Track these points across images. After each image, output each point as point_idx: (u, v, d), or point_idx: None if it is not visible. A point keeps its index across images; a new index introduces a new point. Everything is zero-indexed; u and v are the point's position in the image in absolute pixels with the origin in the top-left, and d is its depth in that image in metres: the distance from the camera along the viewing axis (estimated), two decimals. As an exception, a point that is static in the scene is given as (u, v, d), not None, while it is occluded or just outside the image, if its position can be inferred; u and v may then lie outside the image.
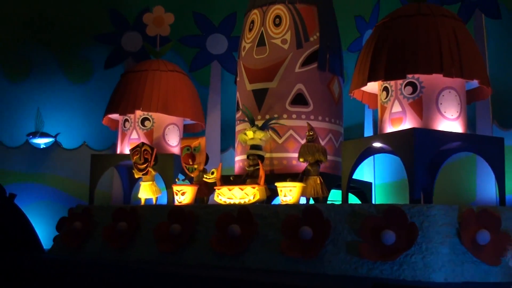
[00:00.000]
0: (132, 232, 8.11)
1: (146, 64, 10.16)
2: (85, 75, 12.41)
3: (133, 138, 9.70)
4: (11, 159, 11.47)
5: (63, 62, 12.38)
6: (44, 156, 11.52)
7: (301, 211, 6.94)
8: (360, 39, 11.25)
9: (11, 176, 11.29)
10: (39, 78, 12.30)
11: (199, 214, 7.74)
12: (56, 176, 11.48)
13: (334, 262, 6.55)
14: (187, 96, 10.03)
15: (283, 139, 8.64)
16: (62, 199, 11.21)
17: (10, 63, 12.29)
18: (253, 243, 7.12)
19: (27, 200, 10.97)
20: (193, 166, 8.50)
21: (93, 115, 11.73)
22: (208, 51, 11.82)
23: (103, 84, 11.63)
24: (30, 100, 12.17)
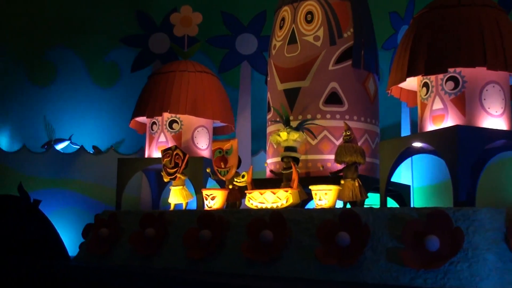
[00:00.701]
0: (160, 239, 7.83)
1: (174, 65, 9.94)
2: (112, 79, 12.35)
3: (161, 142, 9.48)
4: (36, 165, 11.31)
5: (90, 66, 12.33)
6: (70, 162, 11.34)
7: (337, 216, 6.57)
8: (395, 36, 10.87)
9: (36, 182, 11.12)
10: (65, 83, 12.25)
11: (229, 219, 7.42)
12: (83, 181, 11.30)
13: (373, 271, 6.17)
14: (217, 97, 9.78)
15: (317, 140, 8.30)
16: (89, 205, 11.01)
17: (36, 68, 12.24)
18: (287, 250, 6.77)
19: (52, 206, 10.79)
20: (225, 169, 8.23)
21: (121, 119, 11.62)
22: (238, 52, 11.59)
23: (131, 88, 11.43)
24: (56, 105, 12.12)
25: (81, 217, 10.59)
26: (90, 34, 12.35)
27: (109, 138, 12.02)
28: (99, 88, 12.34)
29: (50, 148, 11.44)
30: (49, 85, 12.22)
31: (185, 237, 7.54)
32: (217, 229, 7.34)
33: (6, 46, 12.30)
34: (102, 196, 11.03)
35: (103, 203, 10.77)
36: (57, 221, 9.80)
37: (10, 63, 12.28)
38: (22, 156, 11.39)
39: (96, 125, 12.11)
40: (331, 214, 6.69)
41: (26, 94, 12.20)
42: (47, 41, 12.32)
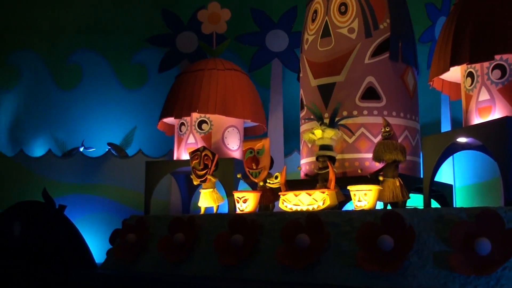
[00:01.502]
0: (190, 244, 7.56)
1: (202, 63, 9.67)
2: (139, 80, 12.21)
3: (190, 143, 9.22)
4: (62, 170, 11.11)
5: (116, 68, 12.23)
6: (97, 166, 11.13)
7: (379, 218, 6.19)
8: (432, 28, 10.48)
9: (62, 187, 10.91)
10: (91, 85, 12.16)
11: (262, 223, 7.12)
12: (110, 186, 11.04)
13: (419, 277, 5.74)
14: (247, 96, 9.47)
15: (354, 138, 7.91)
16: (116, 210, 10.75)
17: (61, 71, 12.20)
18: (324, 255, 6.40)
19: (79, 212, 10.59)
20: (257, 171, 7.92)
21: (149, 121, 11.38)
22: (268, 49, 11.22)
23: (159, 89, 11.17)
24: (82, 108, 12.03)
25: (108, 223, 10.32)
26: (116, 35, 12.22)
27: (137, 140, 11.88)
28: (126, 90, 12.19)
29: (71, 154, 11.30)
30: (74, 88, 12.15)
31: (216, 242, 7.25)
32: (250, 233, 7.05)
33: (31, 50, 12.29)
34: (130, 200, 10.78)
35: (131, 208, 10.58)
36: (83, 227, 9.56)
37: (35, 67, 12.25)
38: (47, 161, 11.20)
39: (124, 128, 11.97)
40: (372, 216, 6.33)
41: (52, 98, 12.13)
42: (72, 44, 12.26)
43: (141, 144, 11.55)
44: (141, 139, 11.83)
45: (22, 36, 12.30)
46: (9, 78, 12.21)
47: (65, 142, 11.73)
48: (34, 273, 8.01)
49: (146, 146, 11.49)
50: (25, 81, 12.24)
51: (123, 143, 11.69)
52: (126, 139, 11.72)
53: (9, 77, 12.22)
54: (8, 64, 12.24)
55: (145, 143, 11.68)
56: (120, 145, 11.59)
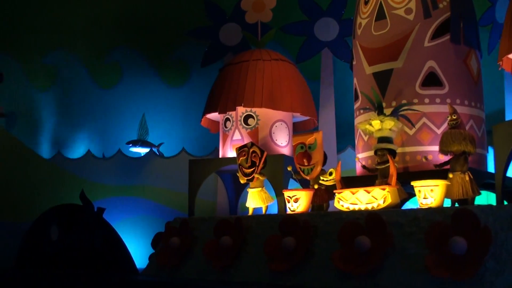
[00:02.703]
0: (238, 248, 7.22)
1: (247, 54, 9.23)
2: (181, 76, 12.19)
3: (236, 139, 8.79)
4: (102, 172, 10.90)
5: (157, 64, 12.25)
6: (139, 167, 10.85)
7: (449, 217, 5.70)
8: (492, 9, 9.84)
9: (102, 189, 10.72)
10: (131, 84, 12.21)
11: (316, 224, 6.72)
12: (152, 187, 10.74)
13: (498, 285, 5.28)
14: (296, 87, 8.96)
15: (415, 129, 7.40)
16: (159, 213, 10.48)
17: (100, 70, 12.28)
18: (388, 260, 5.96)
19: (119, 215, 10.40)
20: (309, 167, 7.56)
21: (193, 118, 11.20)
22: (317, 38, 10.66)
23: (202, 85, 10.99)
24: (122, 107, 12.06)
25: (150, 226, 10.13)
26: (156, 31, 12.20)
27: (180, 139, 11.68)
28: (168, 87, 12.12)
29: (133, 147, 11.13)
30: (114, 87, 12.18)
31: (266, 246, 6.89)
32: (303, 236, 6.66)
33: (67, 49, 12.39)
34: (174, 202, 10.48)
35: (175, 210, 10.29)
36: (123, 230, 9.43)
37: (73, 67, 12.34)
38: (86, 162, 11.01)
39: (167, 126, 11.84)
40: (441, 214, 5.86)
41: (91, 98, 12.16)
42: (109, 41, 12.32)
43: (185, 143, 11.29)
44: (184, 138, 11.67)
45: (57, 36, 12.42)
46: (46, 79, 12.38)
47: (149, 131, 11.58)
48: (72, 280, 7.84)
49: (190, 145, 11.28)
50: (62, 81, 12.36)
51: (141, 133, 11.46)
52: (142, 129, 11.51)
53: (46, 78, 12.38)
54: (45, 64, 12.40)
55: (189, 142, 11.50)
56: (139, 137, 11.39)
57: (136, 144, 11.29)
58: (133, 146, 11.22)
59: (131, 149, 11.22)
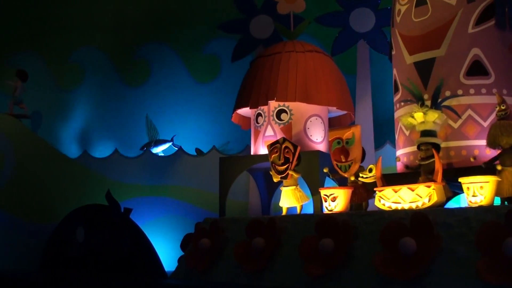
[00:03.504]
0: (271, 250, 6.96)
1: (279, 46, 8.87)
2: (212, 72, 11.96)
3: (268, 136, 8.43)
4: (129, 171, 10.63)
5: (187, 60, 12.08)
6: (167, 166, 10.55)
7: (502, 216, 5.38)
8: None
9: (129, 189, 10.42)
10: (161, 81, 12.06)
11: (356, 224, 6.44)
12: (182, 187, 10.39)
13: None
14: (332, 80, 8.55)
15: (460, 122, 7.04)
16: (188, 213, 10.13)
17: (128, 67, 12.18)
18: (435, 264, 5.62)
19: (147, 215, 10.10)
20: (346, 163, 7.22)
21: (223, 115, 10.93)
22: (352, 30, 10.13)
23: (233, 80, 10.50)
24: (150, 104, 11.90)
25: (179, 227, 9.76)
26: (185, 26, 12.02)
27: (211, 137, 11.43)
28: (198, 83, 11.93)
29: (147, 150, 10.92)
30: (142, 84, 12.05)
31: (301, 248, 6.61)
32: (342, 237, 6.37)
33: (94, 47, 12.34)
34: (204, 202, 10.13)
35: (205, 210, 9.97)
36: (152, 232, 9.27)
37: (100, 65, 12.27)
38: (113, 162, 10.77)
39: (197, 123, 11.63)
40: (493, 214, 5.59)
41: (119, 96, 12.05)
42: (137, 38, 12.21)
43: (215, 140, 11.05)
44: (215, 136, 11.41)
45: (84, 33, 12.37)
46: (73, 77, 12.31)
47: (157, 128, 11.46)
48: (98, 284, 7.79)
49: (221, 143, 11.09)
50: (89, 80, 12.29)
51: (151, 134, 11.32)
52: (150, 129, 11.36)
53: (73, 76, 12.31)
54: (71, 62, 12.36)
55: (220, 139, 11.26)
56: (150, 139, 11.28)
57: (150, 146, 11.10)
58: (148, 149, 11.00)
59: (153, 150, 11.03)
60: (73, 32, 12.30)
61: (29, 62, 12.19)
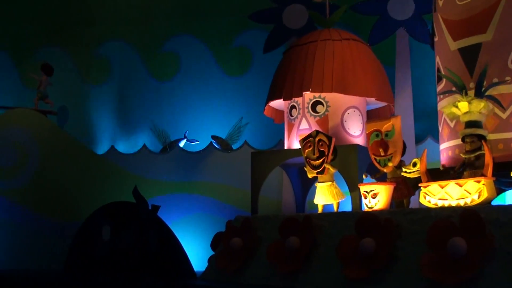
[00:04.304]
0: (307, 250, 6.68)
1: (314, 34, 8.47)
2: (243, 65, 11.60)
3: (303, 129, 8.05)
4: (158, 167, 10.36)
5: (216, 53, 11.75)
6: (197, 161, 10.27)
7: None
8: None
9: (157, 186, 10.15)
10: (190, 74, 11.75)
11: (400, 223, 6.07)
12: (212, 183, 10.09)
13: None
14: (370, 70, 8.14)
15: (508, 112, 6.64)
16: (219, 211, 9.84)
17: (156, 60, 11.94)
18: (488, 266, 5.24)
19: (176, 213, 9.83)
20: (386, 157, 6.84)
21: (255, 109, 10.58)
22: (391, 18, 9.70)
23: (265, 73, 10.13)
24: (180, 99, 11.62)
25: (210, 225, 9.52)
26: (215, 17, 11.70)
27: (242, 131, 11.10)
28: (229, 76, 11.60)
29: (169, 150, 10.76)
30: (171, 78, 11.79)
31: (339, 248, 6.33)
32: (384, 237, 6.03)
33: (122, 40, 12.11)
34: (235, 199, 9.82)
35: (236, 208, 9.68)
36: (180, 230, 9.09)
37: (127, 58, 12.04)
38: (141, 158, 10.52)
39: (228, 118, 11.23)
40: None
41: (147, 90, 11.81)
42: (166, 30, 11.95)
43: (247, 135, 10.76)
44: (246, 131, 11.10)
45: (111, 26, 12.16)
46: (99, 71, 12.13)
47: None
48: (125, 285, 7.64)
49: (253, 137, 10.69)
50: (116, 74, 12.10)
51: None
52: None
53: (99, 70, 12.13)
54: (98, 56, 12.19)
55: (252, 134, 10.92)
56: (163, 144, 11.09)
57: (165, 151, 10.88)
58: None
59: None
60: (99, 25, 12.11)
61: (55, 56, 12.00)
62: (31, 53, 12.23)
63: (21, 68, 12.26)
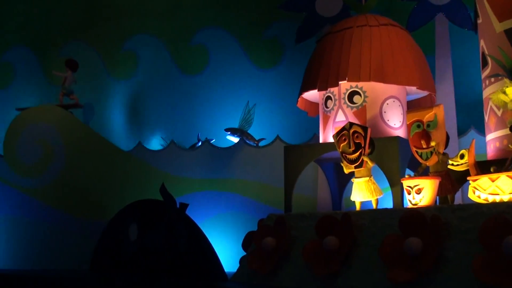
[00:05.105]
0: (346, 251, 6.29)
1: (350, 20, 8.04)
2: (274, 57, 11.23)
3: (339, 121, 7.61)
4: (186, 164, 10.08)
5: (246, 45, 11.43)
6: (227, 158, 9.95)
7: None
8: None
9: (186, 183, 9.89)
10: (219, 67, 11.47)
11: (449, 220, 5.62)
12: (243, 180, 9.75)
13: None
14: (411, 57, 7.64)
15: None
16: (251, 209, 9.49)
17: (184, 54, 11.69)
18: None
19: (206, 212, 9.57)
20: (428, 150, 6.39)
21: (287, 103, 10.31)
22: (429, 2, 9.29)
23: (297, 64, 9.85)
24: (206, 92, 11.35)
25: (241, 224, 9.22)
26: (244, 9, 11.44)
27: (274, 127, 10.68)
28: (259, 69, 11.24)
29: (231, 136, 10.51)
30: (200, 72, 11.51)
31: (382, 249, 5.89)
32: (432, 236, 5.58)
33: (148, 34, 11.91)
34: (267, 197, 9.46)
35: (269, 206, 9.30)
36: (210, 229, 8.89)
37: (155, 52, 11.85)
38: (169, 154, 10.25)
39: (258, 112, 10.86)
40: None
41: (175, 85, 11.58)
42: (195, 23, 11.68)
43: (279, 130, 10.26)
44: (278, 125, 10.70)
45: (137, 20, 11.98)
46: (126, 66, 11.96)
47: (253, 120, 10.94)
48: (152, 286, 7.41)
49: (285, 132, 10.28)
50: (143, 68, 11.89)
51: (242, 124, 10.70)
52: (244, 119, 10.72)
53: (126, 65, 11.96)
54: (124, 51, 12.00)
55: (284, 129, 10.51)
56: (240, 127, 10.64)
57: (235, 134, 10.51)
58: (231, 134, 10.50)
59: (228, 137, 10.56)
60: (125, 19, 11.92)
61: (80, 52, 11.89)
62: (55, 49, 12.12)
63: (45, 64, 12.16)
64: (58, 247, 9.70)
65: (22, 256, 10.03)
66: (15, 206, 10.21)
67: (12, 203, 10.23)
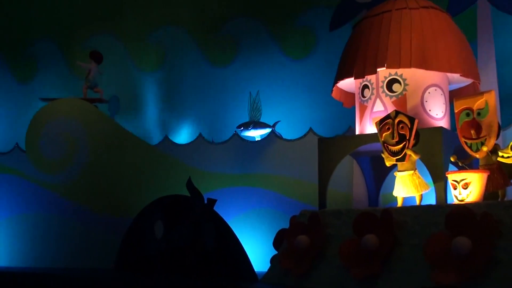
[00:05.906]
0: (387, 251, 6.00)
1: (389, 4, 7.61)
2: (307, 46, 10.88)
3: (377, 111, 7.24)
4: (214, 158, 9.90)
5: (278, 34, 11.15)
6: (257, 152, 9.74)
7: None
8: None
9: (214, 179, 9.71)
10: (248, 58, 11.23)
11: (500, 218, 5.33)
12: (274, 175, 9.51)
13: None
14: (454, 42, 7.20)
15: None
16: (282, 205, 9.25)
17: (213, 45, 11.51)
18: None
19: (235, 208, 9.38)
20: (479, 140, 6.02)
21: (320, 94, 9.94)
22: None
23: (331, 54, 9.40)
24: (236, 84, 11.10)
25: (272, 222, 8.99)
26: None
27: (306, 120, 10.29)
28: (291, 60, 10.94)
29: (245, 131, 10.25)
30: (229, 63, 11.31)
31: (427, 248, 5.60)
32: (482, 235, 5.30)
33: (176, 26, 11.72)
34: (300, 193, 9.20)
35: (302, 202, 9.04)
36: (240, 227, 8.69)
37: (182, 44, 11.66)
38: (197, 148, 10.07)
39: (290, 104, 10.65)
40: None
41: (203, 77, 11.39)
42: (223, 13, 11.50)
43: (312, 123, 9.93)
44: (311, 118, 10.34)
45: (164, 11, 11.84)
46: (152, 58, 11.83)
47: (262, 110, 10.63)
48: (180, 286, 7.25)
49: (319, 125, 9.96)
50: (170, 61, 11.72)
51: (253, 114, 10.43)
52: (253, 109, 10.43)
53: (152, 57, 11.83)
54: (150, 43, 11.85)
55: (317, 121, 10.14)
56: (251, 119, 10.34)
57: (248, 127, 10.27)
58: (245, 129, 10.26)
59: (243, 134, 10.31)
60: (151, 10, 11.78)
61: (106, 44, 11.75)
62: (80, 42, 12.03)
63: (69, 57, 12.05)
64: (82, 245, 9.61)
65: (45, 254, 9.93)
66: (37, 202, 10.14)
67: (34, 199, 10.16)
